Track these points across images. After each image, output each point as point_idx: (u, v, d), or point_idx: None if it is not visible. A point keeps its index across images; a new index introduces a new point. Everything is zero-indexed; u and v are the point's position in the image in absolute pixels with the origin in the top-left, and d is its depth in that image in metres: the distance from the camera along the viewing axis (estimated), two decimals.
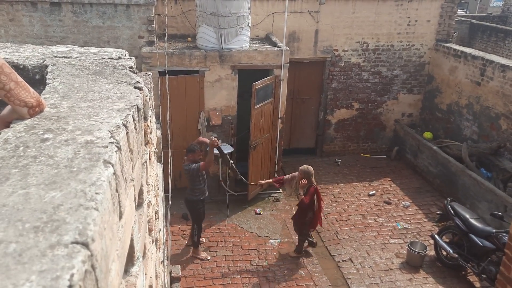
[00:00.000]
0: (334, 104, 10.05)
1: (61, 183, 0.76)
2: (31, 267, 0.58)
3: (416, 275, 6.75)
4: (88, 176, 0.79)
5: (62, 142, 0.90)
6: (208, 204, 8.45)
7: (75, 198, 0.72)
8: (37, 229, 0.65)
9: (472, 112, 8.93)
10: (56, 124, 1.00)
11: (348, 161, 10.30)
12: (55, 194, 0.73)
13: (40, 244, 0.62)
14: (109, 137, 0.94)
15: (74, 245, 0.62)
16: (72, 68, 1.45)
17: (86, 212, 0.69)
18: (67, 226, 0.66)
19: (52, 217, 0.67)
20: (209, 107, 8.05)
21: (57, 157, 0.85)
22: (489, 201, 7.43)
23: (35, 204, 0.70)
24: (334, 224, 7.95)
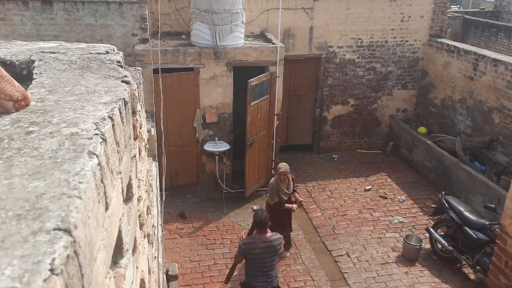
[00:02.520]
0: (330, 100, 10.07)
1: (45, 173, 0.77)
2: (13, 252, 0.59)
3: (412, 268, 6.80)
4: (72, 166, 0.80)
5: (47, 134, 0.91)
6: (206, 202, 8.49)
7: (58, 187, 0.73)
8: (20, 217, 0.66)
9: (465, 107, 8.97)
10: (41, 117, 1.01)
11: (344, 157, 10.34)
12: (39, 183, 0.74)
13: (23, 231, 0.63)
14: (94, 129, 0.95)
15: (56, 232, 0.64)
16: (59, 63, 1.46)
17: (69, 200, 0.70)
18: (50, 213, 0.67)
19: (34, 206, 0.68)
20: (205, 104, 8.05)
21: (42, 149, 0.86)
22: (483, 194, 7.48)
23: (18, 193, 0.71)
24: (331, 219, 7.99)
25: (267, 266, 5.02)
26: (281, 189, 6.48)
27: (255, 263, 5.00)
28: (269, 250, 4.96)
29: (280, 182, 6.47)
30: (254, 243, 4.97)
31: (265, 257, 4.96)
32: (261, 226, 4.97)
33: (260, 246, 4.93)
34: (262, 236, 4.98)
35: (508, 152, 7.92)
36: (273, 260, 5.07)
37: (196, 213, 8.13)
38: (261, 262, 4.98)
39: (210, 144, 8.23)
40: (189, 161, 8.33)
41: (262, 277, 5.04)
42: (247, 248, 4.95)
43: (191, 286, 6.36)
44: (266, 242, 4.95)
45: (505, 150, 8.01)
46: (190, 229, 7.70)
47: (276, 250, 5.07)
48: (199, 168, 8.51)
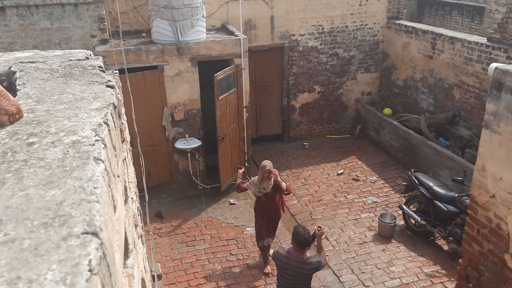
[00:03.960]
0: (296, 89, 10.18)
1: (58, 181, 0.79)
2: (49, 258, 0.61)
3: (389, 245, 7.02)
4: (82, 173, 0.82)
5: (49, 144, 0.92)
6: (181, 199, 8.46)
7: (76, 194, 0.75)
8: (46, 225, 0.68)
9: (427, 85, 9.27)
10: (38, 128, 1.01)
11: (315, 143, 10.50)
12: (55, 192, 0.76)
13: (53, 238, 0.65)
14: (94, 135, 0.97)
15: (85, 235, 0.66)
16: (41, 72, 1.44)
17: (89, 205, 0.73)
18: (75, 219, 0.69)
19: (57, 213, 0.70)
20: (172, 102, 7.99)
21: (48, 159, 0.87)
22: (449, 168, 7.79)
23: (37, 203, 0.73)
24: (307, 206, 8.12)
25: (299, 286, 4.58)
26: (258, 186, 6.12)
27: (286, 279, 4.55)
28: (301, 272, 4.47)
29: (262, 180, 6.09)
30: (287, 258, 4.49)
31: (296, 277, 4.49)
32: (301, 245, 4.42)
33: (293, 264, 4.46)
34: (298, 254, 4.44)
35: (470, 126, 8.26)
36: (306, 283, 4.59)
37: (173, 211, 8.10)
38: (293, 280, 4.52)
39: (181, 141, 8.18)
40: (161, 161, 8.27)
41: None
42: (278, 259, 4.58)
43: (175, 284, 6.36)
44: (300, 263, 4.44)
45: (467, 124, 8.34)
46: (169, 228, 7.67)
47: (309, 274, 4.55)
48: (172, 167, 8.46)
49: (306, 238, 4.39)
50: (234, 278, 6.42)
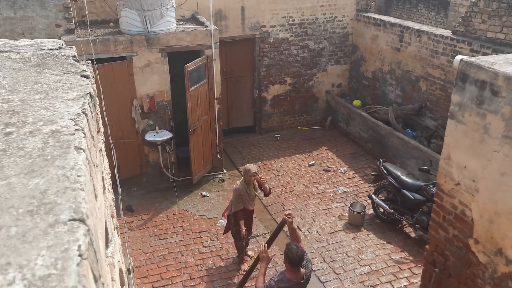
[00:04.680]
0: (268, 80, 10.21)
1: (40, 170, 0.78)
2: (38, 244, 0.61)
3: (359, 233, 7.19)
4: (64, 162, 0.81)
5: (27, 134, 0.91)
6: (152, 192, 8.38)
7: (59, 182, 0.75)
8: (32, 213, 0.67)
9: (394, 77, 9.48)
10: (14, 118, 0.99)
11: (286, 135, 10.59)
12: (38, 181, 0.75)
13: (40, 225, 0.65)
14: (73, 125, 0.96)
15: (72, 222, 0.66)
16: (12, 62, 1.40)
17: (74, 193, 0.72)
18: (60, 206, 0.69)
19: (42, 201, 0.70)
20: (141, 93, 7.87)
21: (27, 148, 0.86)
22: (416, 158, 8.02)
23: (21, 191, 0.72)
24: (279, 197, 8.20)
25: None
26: (249, 193, 5.92)
27: None
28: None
29: (250, 185, 5.94)
30: (291, 287, 4.06)
31: None
32: (296, 264, 4.01)
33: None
34: (295, 275, 4.06)
35: (435, 117, 8.52)
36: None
37: (144, 205, 8.02)
38: None
39: (151, 133, 8.08)
40: (131, 153, 8.14)
41: None
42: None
43: (147, 277, 6.32)
44: (301, 284, 4.11)
45: (432, 115, 8.60)
46: (140, 221, 7.59)
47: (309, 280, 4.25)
48: (142, 159, 8.35)
49: (299, 256, 4.00)
50: (207, 270, 6.44)
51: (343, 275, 6.34)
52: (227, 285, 6.16)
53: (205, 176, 8.72)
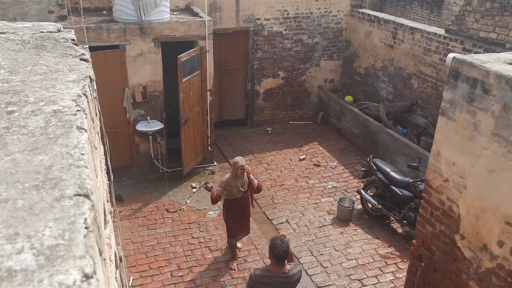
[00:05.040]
0: (261, 74, 10.21)
1: (43, 148, 0.79)
2: (45, 216, 0.62)
3: (347, 228, 7.26)
4: (68, 140, 0.82)
5: (29, 113, 0.92)
6: (142, 183, 8.37)
7: (63, 159, 0.76)
8: (38, 187, 0.68)
9: (387, 74, 9.54)
10: (15, 98, 0.99)
11: (278, 129, 10.61)
12: (42, 157, 0.76)
13: (46, 199, 0.66)
14: (75, 105, 0.96)
15: (77, 197, 0.67)
16: (11, 43, 1.40)
17: (78, 170, 0.73)
18: (65, 182, 0.70)
19: (47, 176, 0.71)
20: (134, 83, 7.82)
21: (30, 127, 0.87)
22: (405, 155, 8.10)
23: (26, 167, 0.73)
24: (269, 190, 8.23)
25: None
26: (235, 186, 5.75)
27: None
28: (288, 286, 4.10)
29: (236, 178, 5.73)
30: (267, 277, 4.06)
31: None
32: (280, 259, 4.04)
33: (275, 281, 4.05)
34: (278, 269, 4.05)
35: (426, 115, 8.60)
36: None
37: (133, 195, 8.01)
38: None
39: (142, 123, 8.05)
40: (121, 143, 8.10)
41: None
42: (259, 281, 4.09)
43: (135, 267, 6.32)
44: (283, 277, 4.06)
45: (423, 113, 8.68)
46: (129, 211, 7.58)
47: (296, 283, 4.17)
48: (132, 149, 8.32)
49: (284, 251, 4.02)
50: (195, 261, 6.46)
51: (330, 269, 6.40)
52: (216, 276, 6.19)
53: (195, 168, 8.72)
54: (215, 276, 6.18)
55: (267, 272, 4.07)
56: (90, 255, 0.57)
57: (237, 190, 5.77)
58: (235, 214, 6.04)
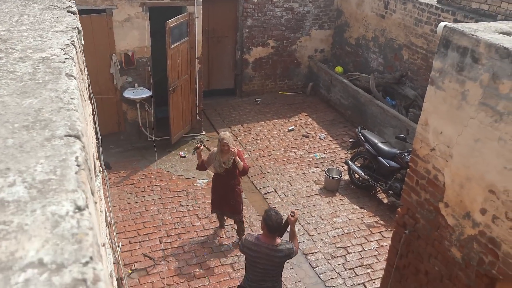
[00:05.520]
0: (250, 42, 10.07)
1: (33, 92, 0.77)
2: (36, 154, 0.62)
3: (333, 198, 7.37)
4: (57, 86, 0.81)
5: (17, 60, 0.89)
6: (130, 151, 8.33)
7: (53, 103, 0.75)
8: (28, 128, 0.67)
9: (378, 45, 9.49)
10: (2, 45, 0.97)
11: (267, 99, 10.57)
12: (32, 100, 0.74)
13: (36, 138, 0.65)
14: (63, 54, 0.94)
15: (68, 138, 0.67)
16: None
17: (68, 113, 0.72)
18: (56, 123, 0.69)
19: (37, 118, 0.70)
20: (121, 49, 7.68)
21: (18, 72, 0.85)
22: (393, 126, 8.16)
23: (15, 109, 0.72)
24: (258, 160, 8.27)
25: (271, 276, 4.25)
26: (218, 160, 5.62)
27: (256, 268, 4.20)
28: (272, 260, 4.14)
29: (221, 153, 5.58)
30: (256, 245, 4.12)
31: (267, 265, 4.16)
32: (272, 230, 4.05)
33: (263, 252, 4.10)
34: (268, 240, 4.10)
35: (415, 87, 8.62)
36: (277, 272, 4.28)
37: (121, 162, 7.98)
38: (263, 269, 4.18)
39: (130, 91, 7.96)
40: (108, 110, 8.01)
41: (265, 282, 4.26)
42: (247, 247, 4.17)
43: (124, 233, 6.37)
44: (271, 250, 4.10)
45: (413, 84, 8.70)
46: (117, 178, 7.57)
47: (281, 262, 4.22)
48: (120, 117, 8.24)
49: (278, 223, 4.04)
50: (184, 228, 6.52)
51: (316, 237, 6.53)
52: (204, 242, 6.28)
53: (184, 137, 8.69)
54: (203, 243, 6.27)
55: (257, 241, 4.13)
56: (82, 190, 0.57)
57: (218, 165, 5.62)
58: (217, 189, 5.95)
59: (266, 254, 4.11)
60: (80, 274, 0.50)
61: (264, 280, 4.26)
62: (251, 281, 4.29)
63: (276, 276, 4.30)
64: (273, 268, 4.21)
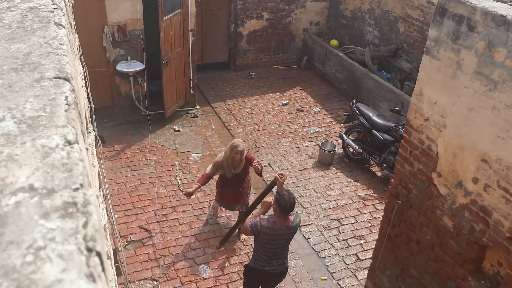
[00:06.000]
0: (244, 14, 9.91)
1: (21, 38, 0.76)
2: (25, 93, 0.61)
3: (327, 171, 7.42)
4: (45, 33, 0.79)
5: (4, 9, 0.87)
6: (124, 125, 8.28)
7: (42, 48, 0.73)
8: (17, 70, 0.66)
9: (373, 17, 9.38)
10: None
11: (261, 73, 10.49)
12: (20, 45, 0.73)
13: (25, 79, 0.65)
14: (51, 4, 0.92)
15: (57, 80, 0.66)
16: None
17: (57, 57, 0.71)
18: (45, 66, 0.68)
19: (26, 61, 0.69)
20: (113, 21, 7.54)
21: (6, 20, 0.83)
22: (388, 100, 8.16)
23: (3, 53, 0.70)
24: (252, 134, 8.27)
25: (283, 248, 4.26)
26: (228, 167, 5.37)
27: (270, 247, 4.15)
28: (289, 237, 4.19)
29: (233, 161, 5.31)
30: (274, 229, 4.05)
31: (283, 242, 4.19)
32: (285, 210, 3.98)
33: (281, 234, 4.09)
34: (283, 221, 4.04)
35: (411, 60, 8.58)
36: (287, 246, 4.32)
37: (115, 136, 7.96)
38: (276, 247, 4.18)
39: (123, 64, 7.86)
40: (101, 83, 7.92)
41: (277, 260, 4.27)
42: (264, 232, 4.07)
43: (119, 206, 6.41)
44: (287, 231, 4.10)
45: (408, 57, 8.66)
46: (111, 152, 7.57)
47: (296, 229, 4.22)
48: (113, 90, 8.16)
49: (291, 203, 3.95)
50: (179, 201, 6.56)
51: (310, 209, 6.60)
52: (199, 215, 6.33)
53: (177, 111, 8.64)
54: (198, 215, 6.32)
55: (274, 225, 4.03)
56: (72, 126, 0.56)
57: (228, 170, 5.39)
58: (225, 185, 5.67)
59: (282, 235, 4.09)
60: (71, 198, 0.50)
61: (276, 258, 4.25)
62: (263, 261, 4.25)
63: (287, 250, 4.32)
64: (286, 245, 4.24)
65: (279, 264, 4.30)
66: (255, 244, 4.31)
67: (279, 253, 4.25)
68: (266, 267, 4.26)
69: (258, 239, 4.18)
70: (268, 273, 4.31)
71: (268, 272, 4.29)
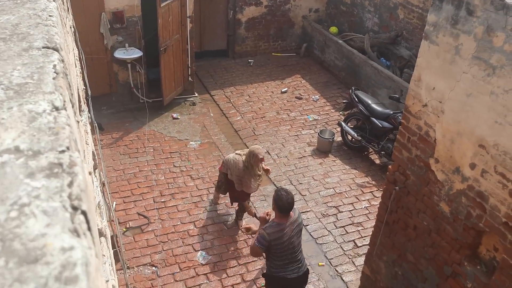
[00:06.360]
0: (243, 1, 9.83)
1: (10, 10, 0.75)
2: (13, 61, 0.60)
3: (326, 159, 7.42)
4: (35, 5, 0.78)
5: None
6: (122, 112, 8.26)
7: (31, 19, 0.73)
8: (5, 40, 0.66)
9: (373, 4, 9.31)
10: None
11: (260, 61, 10.44)
12: (9, 17, 0.72)
13: (14, 49, 0.64)
14: None
15: (46, 49, 0.65)
16: None
17: (46, 28, 0.71)
18: (34, 36, 0.67)
19: (15, 32, 0.68)
20: (110, 7, 7.48)
21: None
22: (387, 87, 8.14)
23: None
24: (251, 122, 8.26)
25: (296, 250, 4.17)
26: (255, 174, 5.40)
27: (284, 251, 4.08)
28: (296, 230, 4.12)
29: (256, 167, 5.36)
30: (281, 230, 3.99)
31: (294, 240, 4.10)
32: (284, 211, 3.97)
33: (288, 231, 4.02)
34: (285, 220, 4.02)
35: (410, 47, 8.53)
36: (300, 240, 4.23)
37: (114, 124, 7.95)
38: (291, 248, 4.09)
39: (121, 51, 7.81)
40: (99, 71, 7.88)
41: (292, 264, 4.16)
42: (274, 239, 3.98)
43: (118, 193, 6.42)
44: (292, 223, 4.06)
45: (408, 45, 8.61)
46: (110, 139, 7.56)
47: (301, 225, 4.21)
48: (111, 78, 8.13)
49: (290, 203, 3.94)
50: (177, 188, 6.58)
51: (308, 197, 6.62)
52: (198, 202, 6.35)
53: (176, 98, 8.62)
54: (196, 202, 6.34)
55: (279, 226, 3.99)
56: (60, 93, 0.56)
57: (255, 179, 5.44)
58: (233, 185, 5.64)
59: (289, 232, 4.03)
60: (56, 159, 0.50)
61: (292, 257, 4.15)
62: (276, 267, 4.17)
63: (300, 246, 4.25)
64: (297, 238, 4.15)
65: (296, 268, 4.19)
66: (267, 254, 4.19)
67: (293, 256, 4.15)
68: (281, 273, 4.15)
69: (271, 250, 4.07)
70: (285, 279, 4.18)
71: (285, 278, 4.16)
